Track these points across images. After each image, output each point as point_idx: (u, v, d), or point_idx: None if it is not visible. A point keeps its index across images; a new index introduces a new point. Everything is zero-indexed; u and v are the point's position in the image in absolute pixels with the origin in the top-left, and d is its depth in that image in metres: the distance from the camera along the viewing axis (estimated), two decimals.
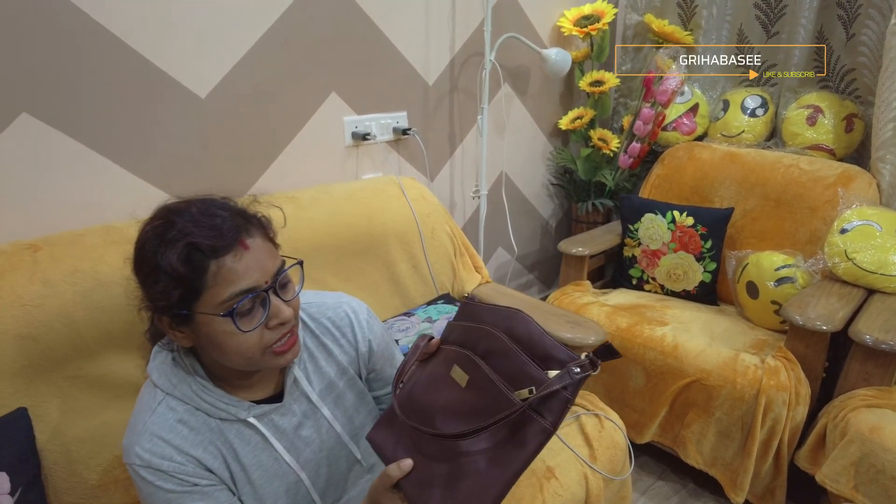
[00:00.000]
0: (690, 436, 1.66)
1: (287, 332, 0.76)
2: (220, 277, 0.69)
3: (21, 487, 0.96)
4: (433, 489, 0.67)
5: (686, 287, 2.00)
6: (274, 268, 0.74)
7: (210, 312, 0.70)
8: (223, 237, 0.69)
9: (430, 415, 0.74)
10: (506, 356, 0.70)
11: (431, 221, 1.62)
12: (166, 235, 0.69)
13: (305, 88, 1.58)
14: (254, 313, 0.72)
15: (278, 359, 0.76)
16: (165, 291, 0.69)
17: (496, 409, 0.65)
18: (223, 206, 0.74)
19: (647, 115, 2.10)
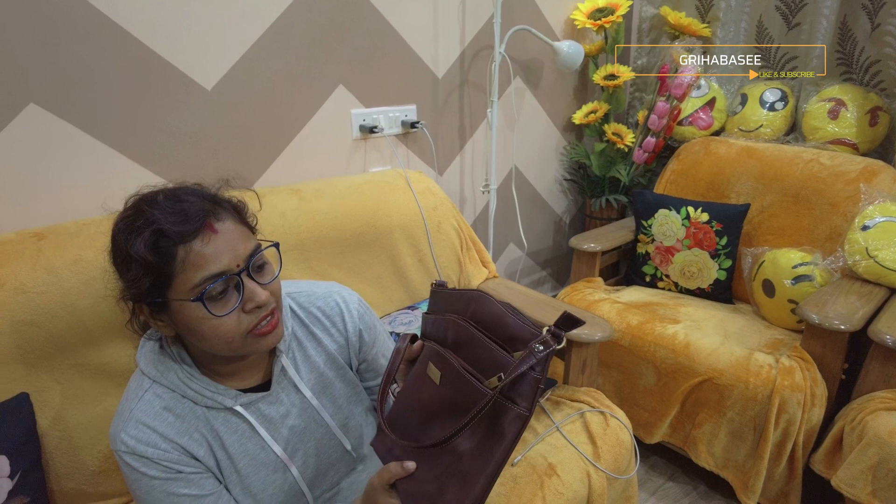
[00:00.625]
0: (701, 436, 1.62)
1: (266, 314, 0.75)
2: (188, 263, 0.68)
3: (21, 471, 0.97)
4: (424, 493, 0.66)
5: (700, 285, 1.96)
6: (246, 251, 0.73)
7: (182, 298, 0.70)
8: (189, 222, 0.68)
9: (413, 421, 0.72)
10: (473, 345, 0.68)
11: (438, 215, 1.60)
12: (134, 224, 0.69)
13: (312, 81, 1.58)
14: (227, 297, 0.71)
15: (260, 341, 0.75)
16: (137, 280, 0.69)
17: (470, 403, 0.64)
18: (192, 191, 0.74)
19: (661, 109, 2.05)
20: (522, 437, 1.30)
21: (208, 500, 0.78)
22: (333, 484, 0.93)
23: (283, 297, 0.87)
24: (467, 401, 0.64)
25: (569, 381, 1.47)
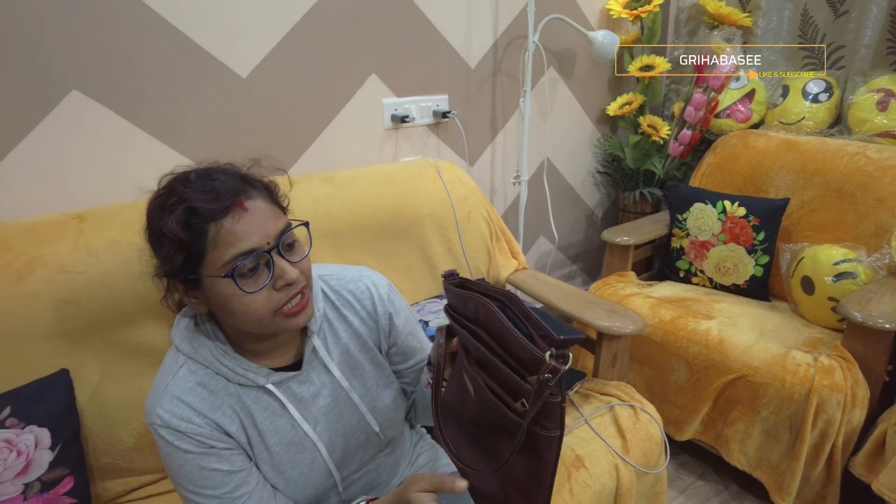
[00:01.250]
0: (734, 435, 1.58)
1: (296, 293, 0.75)
2: (219, 240, 0.69)
3: (61, 444, 1.01)
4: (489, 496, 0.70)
5: (736, 281, 1.91)
6: (277, 229, 0.73)
7: (213, 275, 0.71)
8: (220, 199, 0.69)
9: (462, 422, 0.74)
10: (492, 365, 0.67)
11: (468, 205, 1.60)
12: (167, 202, 0.71)
13: (345, 70, 1.59)
14: (258, 275, 0.72)
15: (290, 321, 0.75)
16: (170, 257, 0.70)
17: (501, 423, 0.66)
18: (223, 170, 0.75)
19: (698, 100, 2.01)
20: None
21: (239, 476, 0.79)
22: (361, 465, 0.94)
23: (314, 279, 0.88)
24: (498, 421, 0.66)
25: (598, 374, 1.45)
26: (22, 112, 1.18)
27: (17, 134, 1.19)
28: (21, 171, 1.21)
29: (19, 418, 0.99)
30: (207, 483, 0.77)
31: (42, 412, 1.01)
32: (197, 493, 0.77)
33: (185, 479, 0.77)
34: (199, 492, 0.77)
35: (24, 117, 1.19)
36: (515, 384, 0.63)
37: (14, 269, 1.05)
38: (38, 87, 1.18)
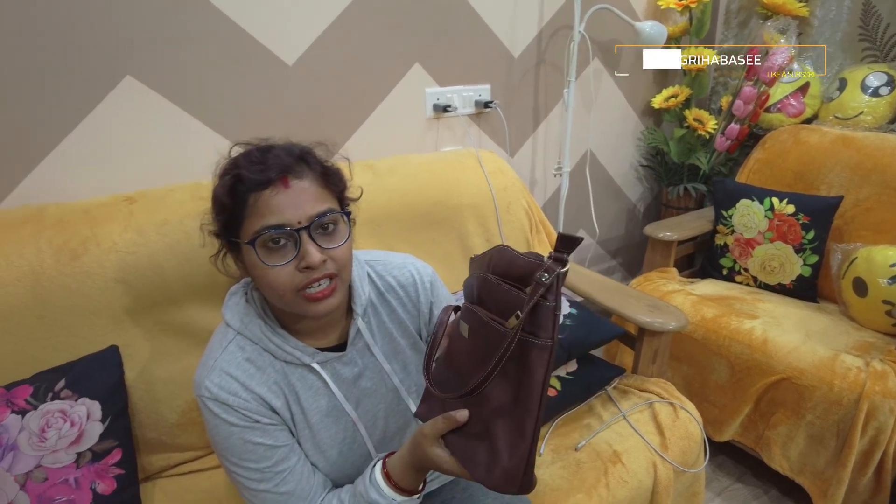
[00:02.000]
0: (776, 438, 1.54)
1: (319, 277, 0.75)
2: (255, 209, 0.73)
3: (110, 416, 1.04)
4: (476, 445, 0.66)
5: (782, 280, 1.85)
6: (314, 211, 0.74)
7: (245, 242, 0.74)
8: (266, 172, 0.72)
9: (452, 379, 0.73)
10: (491, 292, 0.68)
11: (508, 196, 1.59)
12: (225, 168, 0.76)
13: (389, 58, 1.59)
14: (284, 251, 0.74)
15: (310, 306, 0.75)
16: (216, 218, 0.77)
17: (495, 346, 0.64)
18: (283, 147, 0.77)
19: (748, 94, 1.94)
20: (587, 424, 1.28)
21: (281, 452, 0.80)
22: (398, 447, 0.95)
23: (361, 264, 0.89)
24: (493, 346, 0.64)
25: (638, 370, 1.43)
26: (80, 97, 1.22)
27: (74, 118, 1.23)
28: (77, 154, 1.25)
29: (73, 390, 1.03)
30: (251, 456, 0.79)
31: (94, 385, 1.05)
32: (240, 466, 0.79)
33: (230, 451, 0.79)
34: (242, 464, 0.79)
35: (81, 102, 1.22)
36: (513, 300, 0.63)
37: (70, 248, 1.09)
38: (94, 73, 1.22)
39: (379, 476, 0.79)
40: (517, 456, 0.61)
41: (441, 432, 0.71)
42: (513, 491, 0.61)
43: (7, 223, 1.09)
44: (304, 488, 0.82)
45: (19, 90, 1.16)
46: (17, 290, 1.04)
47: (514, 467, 0.61)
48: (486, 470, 0.63)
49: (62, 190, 1.24)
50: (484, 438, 0.65)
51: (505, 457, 0.62)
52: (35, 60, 1.16)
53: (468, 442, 0.67)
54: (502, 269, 0.68)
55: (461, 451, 0.68)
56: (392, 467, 0.79)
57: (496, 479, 0.62)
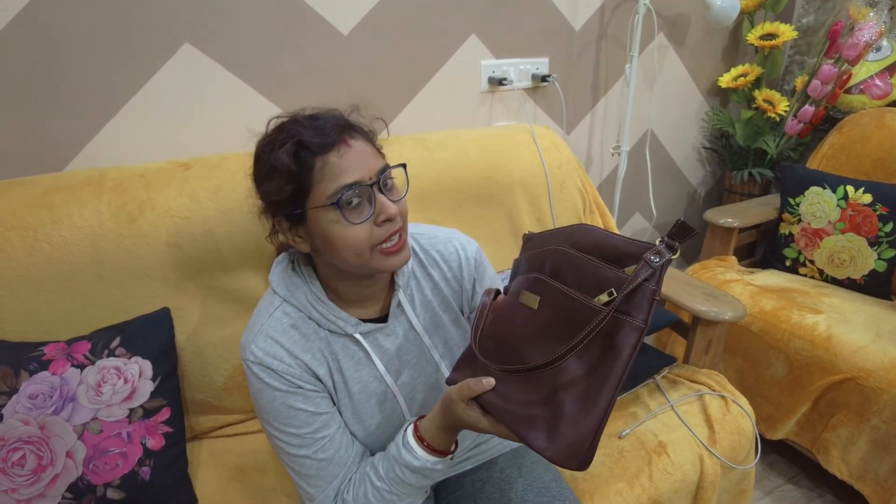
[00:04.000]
0: (836, 440, 1.46)
1: (396, 230, 0.76)
2: (325, 172, 0.72)
3: (161, 376, 1.07)
4: (536, 413, 0.64)
5: (851, 275, 1.74)
6: (377, 167, 0.75)
7: (319, 205, 0.73)
8: (326, 135, 0.72)
9: (509, 348, 0.71)
10: (575, 267, 0.67)
11: (562, 174, 1.54)
12: (277, 139, 0.74)
13: (445, 29, 1.55)
14: (361, 208, 0.74)
15: (388, 259, 0.76)
16: (279, 189, 0.74)
17: (577, 321, 0.62)
18: (328, 113, 0.78)
19: (827, 73, 1.81)
20: (633, 412, 1.25)
21: (322, 419, 0.81)
22: None
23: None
24: (574, 320, 0.63)
25: (689, 360, 1.38)
26: (141, 63, 1.24)
27: (135, 84, 1.25)
28: (137, 120, 1.28)
29: (127, 349, 1.06)
30: (292, 422, 0.80)
31: (146, 345, 1.08)
32: (281, 431, 0.80)
33: (272, 415, 0.80)
34: (283, 429, 0.80)
35: (142, 68, 1.25)
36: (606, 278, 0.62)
37: (127, 212, 1.12)
38: (155, 40, 1.24)
39: (412, 438, 0.79)
40: (584, 430, 0.60)
41: (470, 395, 0.71)
42: (572, 465, 0.60)
43: (70, 185, 1.13)
44: (342, 456, 0.83)
45: (85, 57, 1.19)
46: (79, 249, 1.08)
47: (579, 441, 0.60)
48: (547, 440, 0.61)
49: (123, 154, 1.28)
50: (546, 408, 0.63)
51: (570, 430, 0.60)
52: (98, 28, 1.18)
53: (525, 409, 0.65)
54: (590, 247, 0.67)
55: (511, 416, 0.66)
56: (424, 430, 0.78)
57: (559, 450, 0.60)
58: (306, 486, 0.83)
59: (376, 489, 0.79)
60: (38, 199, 1.09)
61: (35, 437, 0.96)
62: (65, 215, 1.09)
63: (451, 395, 0.73)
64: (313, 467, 0.81)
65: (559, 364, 0.63)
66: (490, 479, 0.97)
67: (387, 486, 0.79)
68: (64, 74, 1.18)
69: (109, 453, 0.98)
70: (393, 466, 0.79)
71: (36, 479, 0.94)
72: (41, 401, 0.98)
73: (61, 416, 0.98)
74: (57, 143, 1.23)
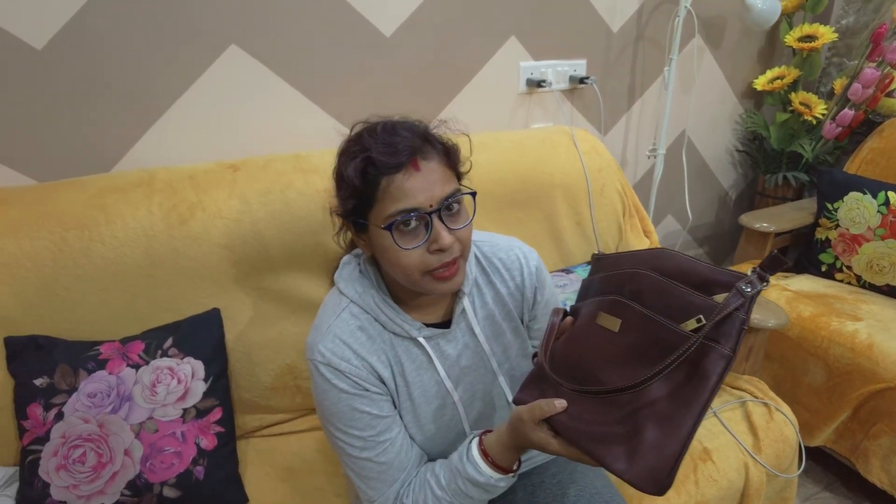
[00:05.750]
0: (876, 449, 1.45)
1: (449, 261, 0.75)
2: (388, 193, 0.72)
3: (212, 376, 1.09)
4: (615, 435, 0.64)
5: (891, 282, 1.72)
6: (443, 193, 0.74)
7: (376, 224, 0.74)
8: (397, 155, 0.71)
9: (584, 369, 0.71)
10: (659, 292, 0.67)
11: (602, 177, 1.53)
12: (351, 149, 0.75)
13: (486, 30, 1.55)
14: (416, 233, 0.74)
15: (437, 285, 0.76)
16: (346, 199, 0.76)
17: (663, 346, 0.62)
18: (408, 126, 0.76)
19: (869, 76, 1.79)
20: None
21: (385, 422, 0.82)
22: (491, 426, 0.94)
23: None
24: (660, 345, 0.63)
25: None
26: (188, 64, 1.25)
27: (183, 84, 1.27)
28: (184, 120, 1.29)
29: (179, 349, 1.08)
30: (356, 424, 0.80)
31: (198, 345, 1.10)
32: (344, 432, 0.81)
33: (336, 416, 0.80)
34: (347, 431, 0.80)
35: (189, 69, 1.26)
36: (693, 304, 0.63)
37: (178, 213, 1.14)
38: (202, 41, 1.25)
39: (476, 453, 0.79)
40: (667, 455, 0.60)
41: (541, 416, 0.71)
42: (652, 490, 0.60)
43: (121, 186, 1.14)
44: (402, 460, 0.83)
45: (133, 60, 1.20)
46: (132, 250, 1.10)
47: (661, 466, 0.60)
48: (627, 462, 0.62)
49: (169, 154, 1.29)
50: (625, 429, 0.63)
51: (651, 454, 0.60)
52: (146, 31, 1.19)
53: (601, 430, 0.65)
54: (674, 272, 0.67)
55: (587, 437, 0.66)
56: (489, 446, 0.78)
57: (639, 474, 0.60)
58: (366, 488, 0.83)
59: (437, 498, 0.80)
60: (91, 200, 1.11)
61: (95, 434, 0.98)
62: (118, 216, 1.10)
63: (522, 415, 0.73)
64: (374, 470, 0.82)
65: (643, 388, 0.63)
66: (542, 484, 0.97)
67: (448, 497, 0.79)
68: (112, 77, 1.20)
69: (165, 452, 1.00)
70: (455, 478, 0.79)
71: (96, 475, 0.96)
72: (99, 399, 1.00)
73: (119, 414, 1.00)
74: (105, 144, 1.25)
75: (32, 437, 0.97)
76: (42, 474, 0.95)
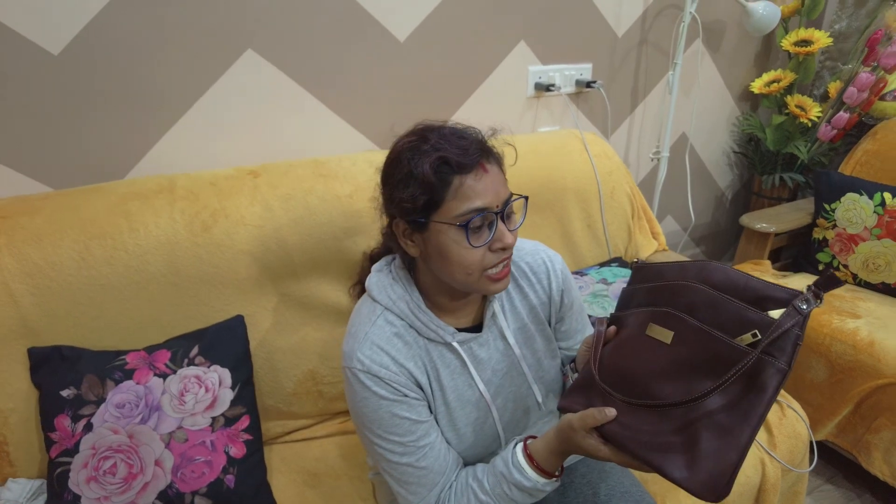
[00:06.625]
0: (878, 443, 1.50)
1: (506, 258, 0.78)
2: (460, 192, 0.73)
3: (239, 384, 1.08)
4: (672, 444, 0.65)
5: (886, 280, 1.77)
6: (504, 195, 0.77)
7: (446, 222, 0.75)
8: (469, 156, 0.73)
9: (635, 380, 0.72)
10: (713, 306, 0.68)
11: (612, 180, 1.56)
12: (420, 148, 0.75)
13: (496, 35, 1.56)
14: (481, 232, 0.76)
15: (492, 284, 0.79)
16: (413, 197, 0.75)
17: (720, 360, 0.64)
18: (472, 132, 0.79)
19: (864, 80, 1.84)
20: None
21: (423, 427, 0.83)
22: (522, 430, 0.96)
23: None
24: (716, 359, 0.65)
25: None
26: (204, 68, 1.25)
27: (199, 89, 1.26)
28: (201, 125, 1.28)
29: (206, 357, 1.07)
30: (396, 430, 0.81)
31: (224, 353, 1.09)
32: (384, 438, 0.81)
33: (376, 423, 0.81)
34: (386, 437, 0.81)
35: (206, 73, 1.25)
36: (749, 319, 0.64)
37: (201, 220, 1.13)
38: (218, 46, 1.24)
39: (522, 458, 0.80)
40: (725, 464, 0.61)
41: (592, 425, 0.72)
42: (711, 497, 0.61)
43: (142, 193, 1.13)
44: (441, 464, 0.84)
45: (149, 64, 1.19)
46: (155, 258, 1.09)
47: (720, 475, 0.61)
48: (686, 470, 0.63)
49: (185, 160, 1.28)
50: (681, 438, 0.65)
51: (710, 463, 0.62)
52: (163, 34, 1.18)
53: (656, 439, 0.67)
54: (728, 287, 0.69)
55: (642, 446, 0.68)
56: (535, 451, 0.80)
57: (699, 482, 0.62)
58: (406, 493, 0.84)
59: (480, 502, 0.81)
60: (114, 208, 1.10)
61: (125, 445, 0.97)
62: (140, 224, 1.09)
63: (572, 423, 0.74)
64: (414, 475, 0.83)
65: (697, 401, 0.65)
66: (572, 484, 0.99)
67: (492, 502, 0.80)
68: (127, 83, 1.19)
69: (195, 461, 0.99)
70: (500, 483, 0.80)
71: (127, 486, 0.95)
72: (128, 410, 0.99)
73: (148, 424, 0.99)
74: (120, 150, 1.23)
75: (61, 448, 0.96)
76: (72, 486, 0.94)
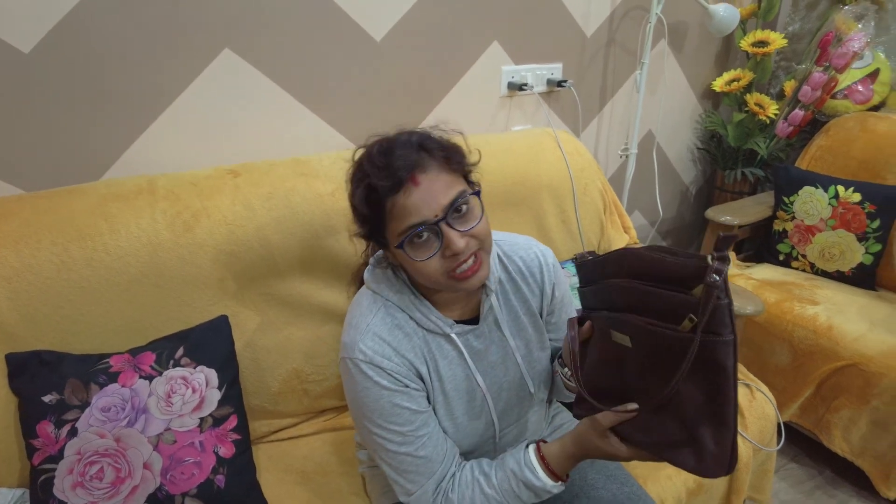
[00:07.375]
0: (837, 421, 1.58)
1: (464, 259, 0.78)
2: (394, 213, 0.76)
3: (226, 384, 1.08)
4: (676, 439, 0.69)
5: (840, 268, 1.87)
6: (447, 200, 0.75)
7: (392, 243, 0.78)
8: (393, 177, 0.74)
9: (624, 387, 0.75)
10: (645, 300, 0.70)
11: (585, 177, 1.60)
12: (356, 176, 0.79)
13: (471, 35, 1.59)
14: (429, 244, 0.77)
15: (461, 283, 0.79)
16: (360, 225, 0.82)
17: (673, 352, 0.65)
18: (404, 142, 0.77)
19: (817, 80, 1.93)
20: None
21: (423, 417, 0.85)
22: (516, 419, 0.99)
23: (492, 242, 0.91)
24: (669, 352, 0.66)
25: None
26: (181, 68, 1.24)
27: (176, 88, 1.25)
28: (178, 125, 1.27)
29: (191, 358, 1.07)
30: (397, 420, 0.82)
31: (209, 354, 1.09)
32: (383, 428, 0.83)
33: (377, 413, 0.82)
34: (386, 426, 0.83)
35: (182, 73, 1.24)
36: (678, 304, 0.65)
37: (183, 220, 1.12)
38: (195, 45, 1.23)
39: (534, 459, 0.83)
40: (723, 443, 0.65)
41: (613, 424, 0.76)
42: (723, 473, 0.66)
43: (122, 194, 1.12)
44: (438, 453, 0.86)
45: (124, 62, 1.18)
46: (137, 259, 1.08)
47: (722, 453, 0.66)
48: (696, 460, 0.68)
49: (162, 160, 1.27)
50: (686, 435, 0.68)
51: (711, 446, 0.66)
52: (138, 33, 1.17)
53: (669, 439, 0.70)
54: (646, 272, 0.70)
55: (659, 446, 0.72)
56: (549, 454, 0.82)
57: (709, 466, 0.66)
58: (404, 481, 0.85)
59: (486, 496, 0.83)
60: (94, 209, 1.08)
61: (111, 449, 0.96)
62: (121, 225, 1.08)
63: (594, 425, 0.77)
64: (413, 464, 0.84)
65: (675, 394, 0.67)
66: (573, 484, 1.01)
67: (497, 496, 0.83)
68: (102, 82, 1.17)
69: (185, 463, 0.99)
70: (510, 479, 0.83)
71: (115, 491, 0.94)
72: (114, 413, 0.98)
73: (135, 427, 0.98)
74: (95, 150, 1.22)
75: (44, 455, 0.94)
76: (58, 493, 0.93)
